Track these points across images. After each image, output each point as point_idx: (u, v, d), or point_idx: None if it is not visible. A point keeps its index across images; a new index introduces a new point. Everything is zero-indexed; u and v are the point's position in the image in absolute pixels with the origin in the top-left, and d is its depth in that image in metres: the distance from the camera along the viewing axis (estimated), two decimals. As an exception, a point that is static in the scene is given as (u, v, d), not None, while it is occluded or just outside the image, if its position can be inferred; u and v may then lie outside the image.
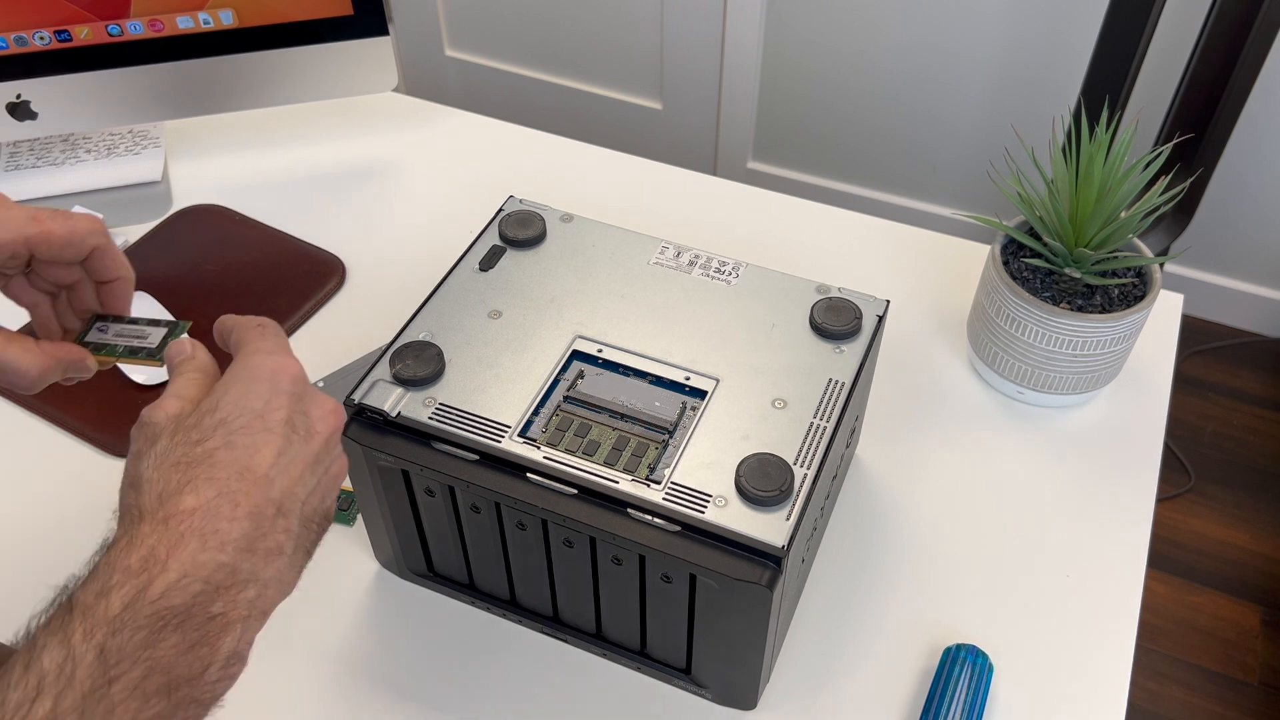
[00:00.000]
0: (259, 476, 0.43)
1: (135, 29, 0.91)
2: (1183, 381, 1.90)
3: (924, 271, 0.94)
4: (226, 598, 0.41)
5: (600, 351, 0.65)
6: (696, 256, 0.71)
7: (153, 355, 0.56)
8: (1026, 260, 0.81)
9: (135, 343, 0.56)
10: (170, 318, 0.59)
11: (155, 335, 0.56)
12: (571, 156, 1.07)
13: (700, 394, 0.63)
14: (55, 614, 0.39)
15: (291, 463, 0.44)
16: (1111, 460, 0.80)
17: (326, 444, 0.47)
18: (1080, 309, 0.78)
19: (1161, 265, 0.79)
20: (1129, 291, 0.79)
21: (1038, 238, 0.80)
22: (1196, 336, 1.99)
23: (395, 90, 1.04)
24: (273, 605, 0.44)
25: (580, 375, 0.64)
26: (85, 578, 0.40)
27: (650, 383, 0.64)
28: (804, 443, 0.60)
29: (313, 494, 0.46)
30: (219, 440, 0.43)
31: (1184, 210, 1.57)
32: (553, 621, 0.69)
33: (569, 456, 0.59)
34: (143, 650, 0.38)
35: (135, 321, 0.58)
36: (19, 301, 0.58)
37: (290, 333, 0.89)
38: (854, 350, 0.65)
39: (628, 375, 0.64)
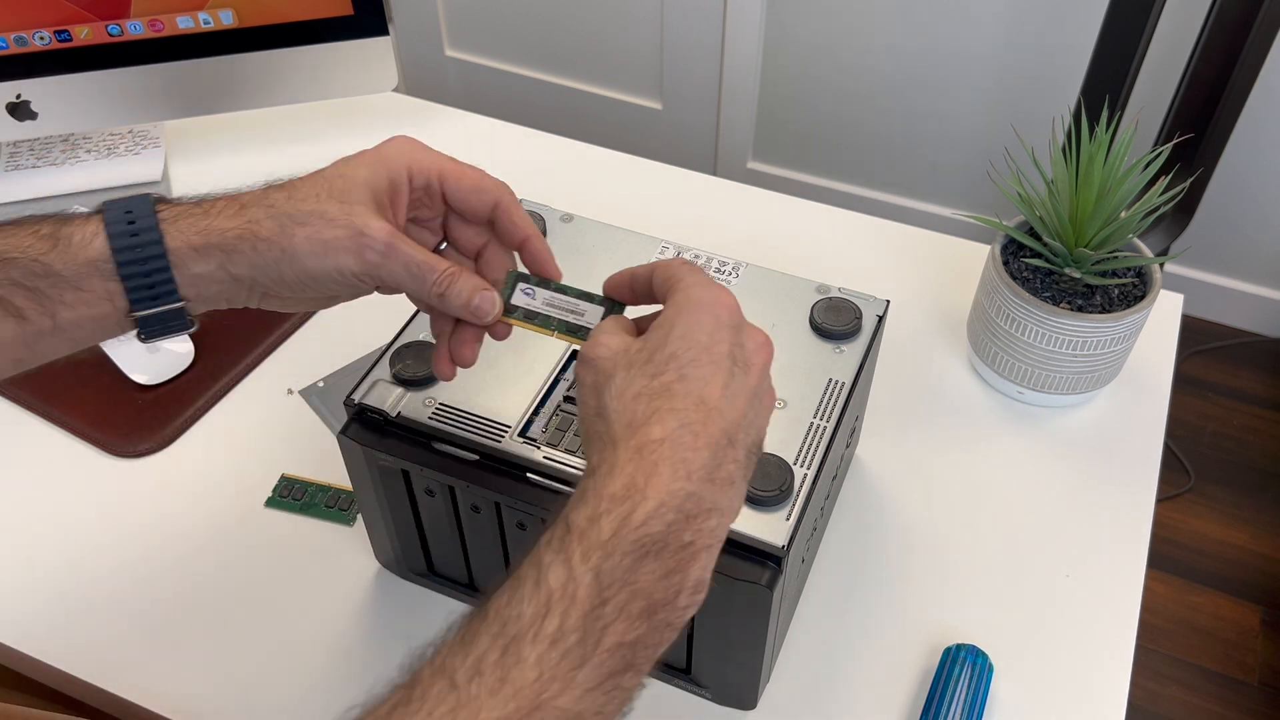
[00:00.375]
0: (712, 408, 0.44)
1: (135, 29, 0.91)
2: (1183, 381, 1.90)
3: (924, 271, 0.94)
4: (694, 526, 0.42)
5: (600, 351, 0.65)
6: (696, 256, 0.71)
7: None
8: (1026, 260, 0.81)
9: (572, 319, 0.54)
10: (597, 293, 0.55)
11: (593, 314, 0.54)
12: (571, 156, 1.07)
13: (700, 394, 0.63)
14: (555, 532, 0.42)
15: (736, 394, 0.46)
16: (1111, 460, 0.80)
17: (760, 376, 0.48)
18: (1080, 309, 0.78)
19: (1161, 265, 0.79)
20: (1129, 291, 0.79)
21: (1038, 238, 0.80)
22: (1196, 336, 1.99)
23: (395, 90, 1.04)
24: (724, 534, 0.45)
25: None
26: (576, 500, 0.43)
27: (650, 383, 0.64)
28: (804, 443, 0.60)
29: (751, 425, 0.46)
30: (673, 374, 0.45)
31: (1184, 210, 1.57)
32: (553, 621, 0.69)
33: (569, 456, 0.59)
34: (628, 575, 0.40)
35: (564, 290, 0.55)
36: None
37: (290, 333, 0.89)
38: (854, 350, 0.65)
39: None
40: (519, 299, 0.55)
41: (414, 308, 0.63)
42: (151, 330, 0.52)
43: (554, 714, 0.38)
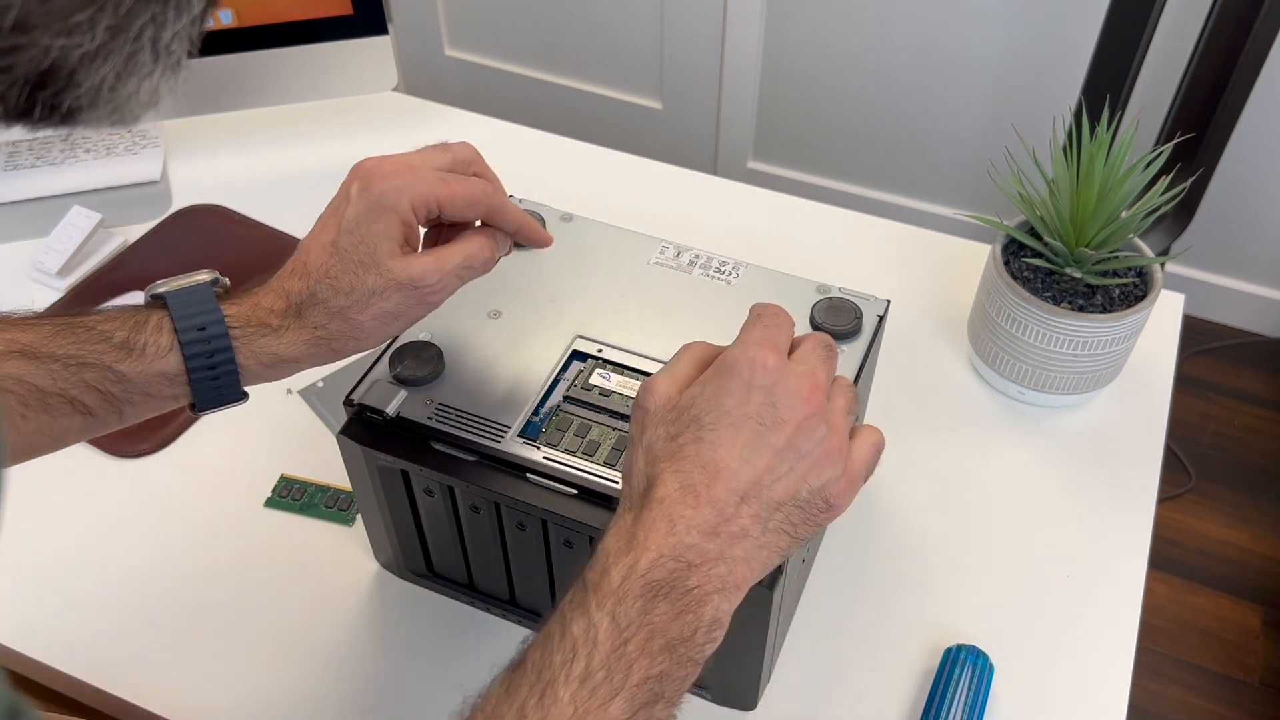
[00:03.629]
0: (720, 469, 0.47)
1: (135, 29, 0.90)
2: (1184, 381, 1.90)
3: (924, 271, 0.94)
4: (699, 574, 0.45)
5: (600, 351, 0.65)
6: (696, 256, 0.71)
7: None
8: (1027, 260, 0.80)
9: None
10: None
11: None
12: (571, 156, 1.07)
13: (700, 394, 0.62)
14: (574, 590, 0.46)
15: (755, 454, 0.47)
16: (1112, 460, 0.80)
17: (798, 430, 0.48)
18: (1081, 309, 0.78)
19: (1162, 265, 0.79)
20: (1130, 291, 0.79)
21: (1038, 237, 0.80)
22: (1198, 336, 1.99)
23: (395, 90, 1.04)
24: (746, 581, 0.47)
25: (580, 375, 0.64)
26: (590, 561, 0.46)
27: (650, 383, 0.63)
28: (804, 443, 0.60)
29: (781, 480, 0.48)
30: (690, 436, 0.48)
31: (1184, 210, 1.57)
32: (553, 622, 0.68)
33: (569, 456, 0.59)
34: (642, 616, 0.44)
35: (636, 373, 0.62)
36: None
37: (290, 333, 0.88)
38: (854, 350, 0.65)
39: (628, 375, 0.64)
40: (596, 379, 0.62)
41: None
42: (206, 410, 0.56)
43: None
